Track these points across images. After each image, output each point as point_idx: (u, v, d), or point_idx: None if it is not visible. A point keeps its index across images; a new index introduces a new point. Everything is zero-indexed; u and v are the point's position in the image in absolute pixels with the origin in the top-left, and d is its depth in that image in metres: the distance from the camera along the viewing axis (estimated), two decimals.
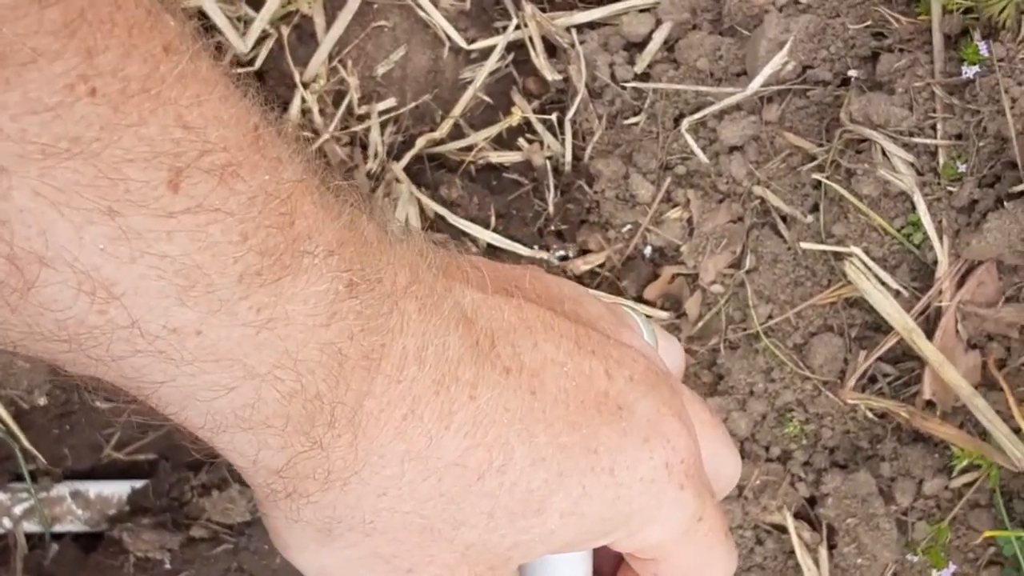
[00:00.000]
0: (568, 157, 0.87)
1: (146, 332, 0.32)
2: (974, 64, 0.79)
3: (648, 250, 0.85)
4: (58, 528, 0.82)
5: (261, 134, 0.33)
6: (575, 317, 0.44)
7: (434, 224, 0.86)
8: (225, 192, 0.32)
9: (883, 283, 0.79)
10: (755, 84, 0.84)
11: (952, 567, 0.76)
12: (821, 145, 0.83)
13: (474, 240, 0.86)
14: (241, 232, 0.32)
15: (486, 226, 0.85)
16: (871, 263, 0.80)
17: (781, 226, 0.83)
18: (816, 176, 0.82)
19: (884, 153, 0.80)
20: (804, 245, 0.81)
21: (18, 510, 0.81)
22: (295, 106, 0.88)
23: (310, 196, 0.35)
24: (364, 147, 0.89)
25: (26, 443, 0.81)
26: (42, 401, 0.82)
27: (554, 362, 0.41)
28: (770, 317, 0.82)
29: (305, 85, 0.89)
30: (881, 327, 0.80)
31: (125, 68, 0.30)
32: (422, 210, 0.86)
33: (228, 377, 0.35)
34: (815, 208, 0.82)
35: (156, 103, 0.30)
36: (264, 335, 0.34)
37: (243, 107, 0.33)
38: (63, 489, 0.82)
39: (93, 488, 0.82)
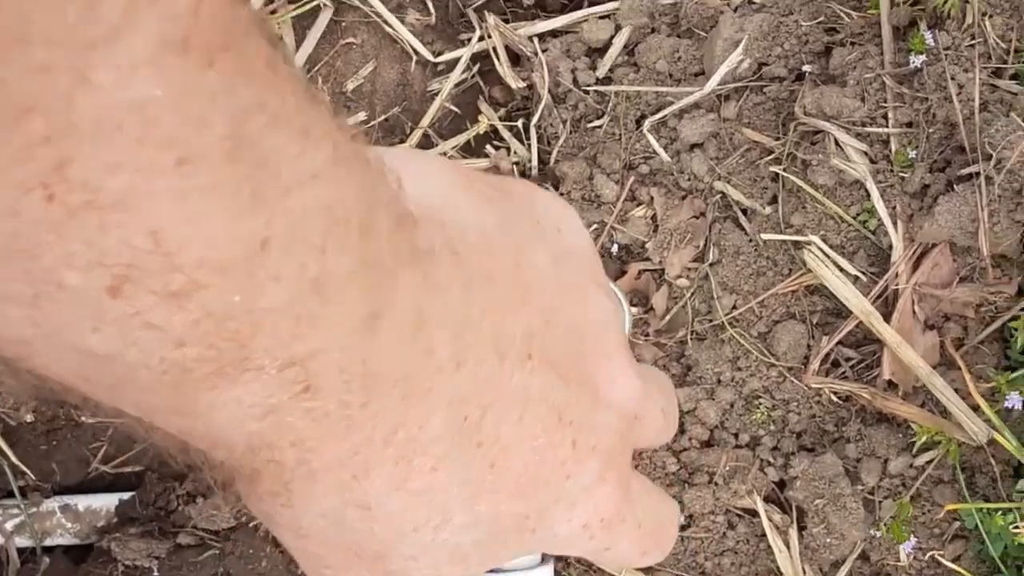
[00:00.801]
0: (535, 161, 0.90)
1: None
2: (921, 54, 0.81)
3: (615, 248, 0.87)
4: (49, 542, 0.84)
5: (270, 250, 0.28)
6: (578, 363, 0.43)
7: None
8: (172, 309, 0.28)
9: (841, 269, 0.81)
10: (712, 83, 0.86)
11: (914, 540, 0.77)
12: (778, 139, 0.85)
13: None
14: (177, 342, 0.28)
15: None
16: (829, 251, 0.82)
17: (742, 219, 0.85)
18: (774, 169, 0.84)
19: (838, 143, 0.82)
20: (765, 236, 0.83)
21: (9, 526, 0.83)
22: None
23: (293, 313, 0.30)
24: None
25: (15, 459, 0.83)
26: (29, 418, 0.84)
27: (529, 437, 0.40)
28: (734, 308, 0.84)
29: None
30: (841, 312, 0.82)
31: (102, 183, 0.25)
32: None
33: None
34: (774, 200, 0.85)
35: (127, 216, 0.26)
36: (188, 418, 0.32)
37: (259, 223, 0.28)
38: (52, 504, 0.84)
39: (82, 502, 0.84)
